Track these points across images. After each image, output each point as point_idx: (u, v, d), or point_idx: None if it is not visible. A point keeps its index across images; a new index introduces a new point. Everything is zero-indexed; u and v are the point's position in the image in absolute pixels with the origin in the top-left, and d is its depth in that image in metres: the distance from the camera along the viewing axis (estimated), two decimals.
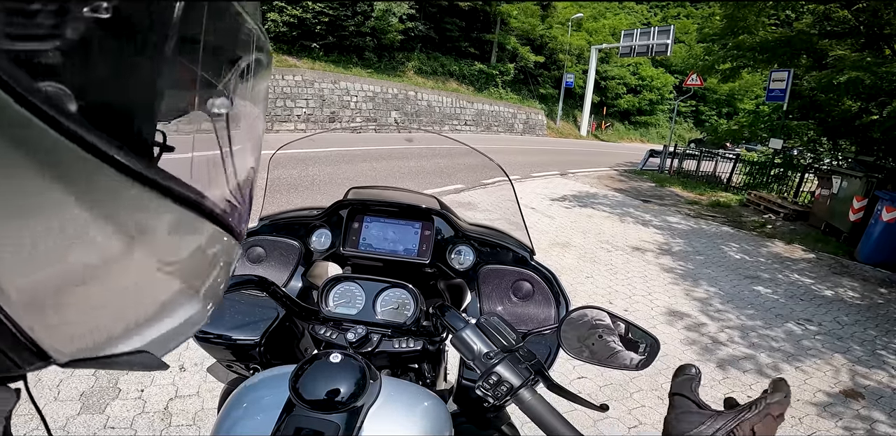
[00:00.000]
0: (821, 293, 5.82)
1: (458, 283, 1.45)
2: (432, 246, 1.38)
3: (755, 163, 14.02)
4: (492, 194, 7.85)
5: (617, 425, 2.92)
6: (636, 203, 10.85)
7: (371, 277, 1.28)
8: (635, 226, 8.57)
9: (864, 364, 4.09)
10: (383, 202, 1.43)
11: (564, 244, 6.79)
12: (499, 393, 0.85)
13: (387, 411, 0.90)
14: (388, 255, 1.39)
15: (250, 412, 0.90)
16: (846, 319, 5.03)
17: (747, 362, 3.93)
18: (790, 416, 3.23)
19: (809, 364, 3.99)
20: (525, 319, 1.28)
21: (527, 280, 1.32)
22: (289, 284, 1.41)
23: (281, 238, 1.46)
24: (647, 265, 6.26)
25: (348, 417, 0.86)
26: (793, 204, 10.67)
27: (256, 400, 0.92)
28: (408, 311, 1.25)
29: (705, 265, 6.52)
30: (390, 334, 1.19)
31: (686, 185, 14.27)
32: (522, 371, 0.86)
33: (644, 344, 0.95)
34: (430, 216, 1.40)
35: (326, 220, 1.44)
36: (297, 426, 0.85)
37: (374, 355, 1.17)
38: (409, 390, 1.01)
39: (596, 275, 5.66)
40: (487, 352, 0.90)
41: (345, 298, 1.28)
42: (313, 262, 1.45)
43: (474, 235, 1.39)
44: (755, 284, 5.91)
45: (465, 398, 1.26)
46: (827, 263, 7.21)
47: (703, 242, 7.85)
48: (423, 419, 0.93)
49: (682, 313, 4.75)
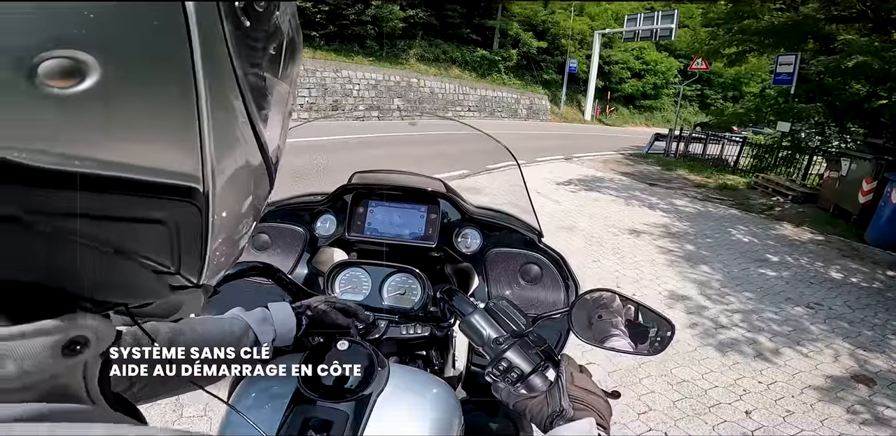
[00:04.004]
0: (830, 277, 5.78)
1: (465, 267, 1.43)
2: (438, 230, 1.36)
3: (763, 146, 13.88)
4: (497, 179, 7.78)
5: (627, 412, 2.91)
6: (642, 187, 10.79)
7: (377, 263, 1.26)
8: (642, 209, 8.52)
9: (875, 349, 4.05)
10: (388, 186, 1.40)
11: (570, 228, 6.77)
12: (509, 379, 0.83)
13: (395, 399, 0.89)
14: (393, 239, 1.37)
15: (259, 402, 0.90)
16: (856, 303, 4.98)
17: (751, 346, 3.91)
18: (802, 402, 3.21)
19: (820, 349, 3.96)
20: (534, 303, 1.26)
21: (535, 263, 1.30)
22: (294, 270, 1.40)
23: (286, 224, 1.44)
24: (654, 249, 6.23)
25: (357, 405, 0.86)
26: (801, 186, 10.57)
27: (265, 390, 0.91)
28: (415, 296, 1.23)
29: (713, 248, 6.48)
30: (397, 321, 1.19)
31: (692, 168, 14.12)
32: (533, 357, 0.84)
33: (658, 328, 0.93)
34: (436, 199, 1.37)
35: (331, 205, 1.42)
36: (305, 416, 0.85)
37: (381, 341, 1.16)
38: (417, 377, 1.00)
39: (603, 259, 5.64)
40: (497, 337, 0.87)
41: (351, 284, 1.27)
42: (319, 248, 1.43)
43: (481, 218, 1.36)
44: (764, 267, 5.87)
45: (473, 385, 1.24)
46: (836, 245, 7.14)
47: (711, 225, 7.80)
48: (432, 407, 0.92)
49: (689, 298, 4.72)
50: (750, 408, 3.09)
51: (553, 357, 0.86)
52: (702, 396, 3.16)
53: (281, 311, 0.92)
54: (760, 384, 3.35)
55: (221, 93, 0.31)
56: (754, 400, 3.17)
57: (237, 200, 0.37)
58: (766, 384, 3.36)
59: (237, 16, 0.31)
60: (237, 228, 0.39)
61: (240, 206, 0.38)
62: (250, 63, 0.33)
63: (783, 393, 3.28)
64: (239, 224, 0.39)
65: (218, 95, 0.31)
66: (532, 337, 0.88)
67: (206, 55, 0.29)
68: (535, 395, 0.81)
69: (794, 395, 3.27)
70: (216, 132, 0.31)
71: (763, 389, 3.30)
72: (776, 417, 3.04)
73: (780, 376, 3.47)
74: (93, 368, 0.40)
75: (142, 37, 0.27)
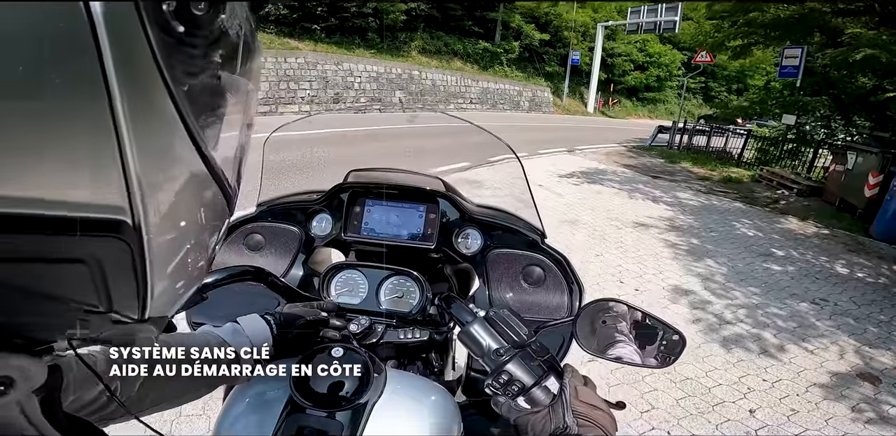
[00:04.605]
0: (836, 272, 5.73)
1: (466, 267, 1.40)
2: (438, 230, 1.33)
3: (767, 138, 13.80)
4: (499, 172, 7.76)
5: (629, 410, 2.88)
6: (645, 179, 10.73)
7: (373, 265, 1.23)
8: (645, 202, 8.48)
9: (881, 346, 4.01)
10: (385, 185, 1.36)
11: (573, 221, 6.72)
12: (510, 393, 0.79)
13: (392, 406, 0.87)
14: (391, 240, 1.33)
15: (251, 409, 0.88)
16: (862, 299, 4.93)
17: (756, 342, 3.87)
18: (807, 401, 3.18)
19: (825, 346, 3.92)
20: (536, 307, 1.23)
21: (538, 265, 1.26)
22: (290, 272, 1.37)
23: (280, 224, 1.40)
24: (657, 243, 6.18)
25: (352, 414, 0.84)
26: (806, 180, 10.51)
27: (258, 396, 0.89)
28: (413, 299, 1.21)
29: (718, 242, 6.43)
30: (395, 324, 1.16)
31: (696, 161, 14.04)
32: (535, 369, 0.80)
33: (667, 339, 0.89)
34: (435, 199, 1.33)
35: (327, 204, 1.38)
36: (299, 425, 0.83)
37: (378, 346, 1.12)
38: (415, 383, 0.98)
39: (606, 253, 5.60)
40: (497, 348, 0.84)
41: (347, 286, 1.24)
42: (314, 248, 1.40)
43: (482, 218, 1.33)
44: (769, 261, 5.83)
45: (474, 389, 1.21)
46: (842, 240, 7.09)
47: (715, 218, 7.75)
48: (431, 414, 0.90)
49: (693, 293, 4.68)
50: (754, 406, 3.05)
51: (556, 367, 0.83)
52: (705, 394, 3.13)
53: (252, 323, 0.90)
54: (765, 382, 3.31)
55: (147, 108, 0.27)
56: (759, 398, 3.14)
57: (181, 226, 0.33)
58: (771, 382, 3.32)
59: (167, 20, 0.26)
60: (188, 257, 0.35)
61: (187, 232, 0.34)
62: (188, 72, 0.29)
63: (788, 391, 3.24)
64: (190, 253, 0.35)
65: (142, 111, 0.26)
66: (534, 347, 0.84)
67: (122, 65, 0.24)
68: (538, 410, 0.78)
69: (799, 393, 3.23)
70: (142, 154, 0.27)
71: (768, 387, 3.27)
72: (780, 415, 3.00)
73: (785, 374, 3.44)
74: (30, 403, 0.38)
75: (36, 46, 0.23)
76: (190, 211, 0.33)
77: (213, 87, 0.33)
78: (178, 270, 0.35)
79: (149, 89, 0.27)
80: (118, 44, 0.24)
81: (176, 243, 0.33)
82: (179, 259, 0.34)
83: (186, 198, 0.32)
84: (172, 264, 0.33)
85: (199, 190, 0.34)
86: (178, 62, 0.28)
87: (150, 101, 0.27)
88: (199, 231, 0.36)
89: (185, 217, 0.33)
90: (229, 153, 0.37)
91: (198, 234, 0.36)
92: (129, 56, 0.25)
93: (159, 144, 0.28)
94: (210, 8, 0.29)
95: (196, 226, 0.35)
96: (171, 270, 0.33)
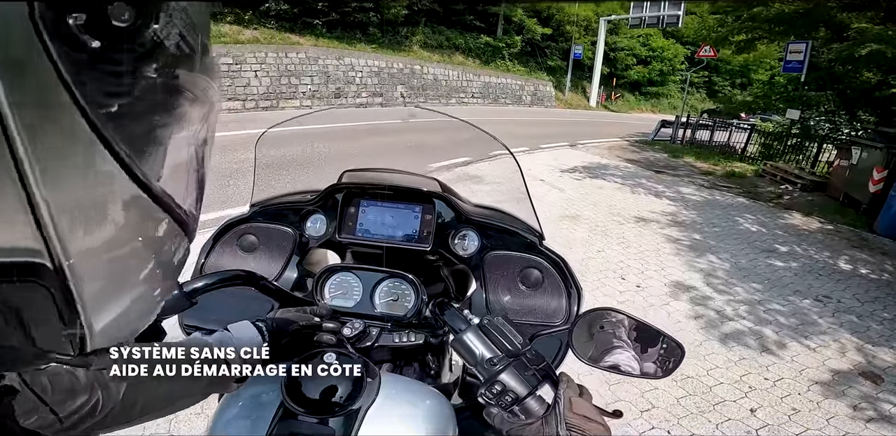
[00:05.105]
0: (839, 268, 5.69)
1: (463, 269, 1.37)
2: (434, 231, 1.30)
3: (771, 133, 13.73)
4: (499, 166, 7.72)
5: (629, 409, 2.86)
6: (648, 174, 10.68)
7: (368, 267, 1.21)
8: (647, 197, 8.44)
9: (884, 344, 3.98)
10: (380, 185, 1.34)
11: (575, 217, 6.69)
12: (503, 403, 0.77)
13: (386, 412, 0.86)
14: (386, 241, 1.31)
15: (244, 414, 0.86)
16: (865, 296, 4.90)
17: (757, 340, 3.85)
18: (808, 400, 3.16)
19: (827, 344, 3.90)
20: (534, 311, 1.20)
21: (535, 267, 1.24)
22: (284, 273, 1.35)
23: (274, 225, 1.38)
24: (660, 238, 6.15)
25: (345, 419, 0.82)
26: (810, 175, 10.44)
27: (252, 399, 0.88)
28: (408, 302, 1.19)
29: (720, 238, 6.40)
30: (390, 328, 1.14)
31: (699, 155, 13.98)
32: (529, 378, 0.78)
33: (666, 350, 0.87)
34: (431, 199, 1.31)
35: (321, 205, 1.36)
36: (290, 431, 0.82)
37: (373, 349, 1.11)
38: (409, 387, 0.97)
39: (607, 249, 5.57)
40: (491, 358, 0.81)
41: (341, 289, 1.23)
42: (309, 249, 1.38)
43: (479, 219, 1.30)
44: (772, 257, 5.80)
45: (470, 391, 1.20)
46: (845, 235, 7.05)
47: (718, 213, 7.71)
48: (425, 418, 0.89)
49: (695, 289, 4.65)
50: (755, 406, 3.04)
51: (552, 376, 0.81)
52: (706, 393, 3.11)
53: (242, 330, 0.88)
54: (766, 381, 3.30)
55: (55, 138, 0.24)
56: (760, 397, 3.12)
57: (121, 261, 0.30)
58: (773, 381, 3.30)
59: (76, 35, 0.23)
60: (132, 292, 0.32)
61: (126, 267, 0.31)
62: (109, 91, 0.26)
63: (789, 390, 3.22)
64: (133, 288, 0.32)
65: (49, 142, 0.23)
66: (529, 356, 0.82)
67: (13, 88, 0.21)
68: (531, 421, 0.76)
69: (801, 392, 3.22)
70: (52, 188, 0.24)
71: (769, 386, 3.25)
72: (782, 415, 2.98)
73: (786, 373, 3.42)
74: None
75: None
76: (129, 244, 0.31)
77: (150, 105, 0.30)
78: (138, 304, 0.32)
79: (55, 114, 0.24)
80: (7, 63, 0.21)
81: (115, 283, 0.30)
82: (124, 297, 0.31)
83: (122, 231, 0.29)
84: (109, 305, 0.31)
85: (139, 220, 0.31)
86: (94, 81, 0.25)
87: (59, 127, 0.24)
88: (148, 267, 0.33)
89: (124, 251, 0.30)
90: (180, 174, 0.34)
91: (149, 272, 0.33)
92: (22, 75, 0.22)
93: (76, 176, 0.25)
94: (137, 19, 0.26)
95: (142, 257, 0.32)
96: (114, 305, 0.31)
